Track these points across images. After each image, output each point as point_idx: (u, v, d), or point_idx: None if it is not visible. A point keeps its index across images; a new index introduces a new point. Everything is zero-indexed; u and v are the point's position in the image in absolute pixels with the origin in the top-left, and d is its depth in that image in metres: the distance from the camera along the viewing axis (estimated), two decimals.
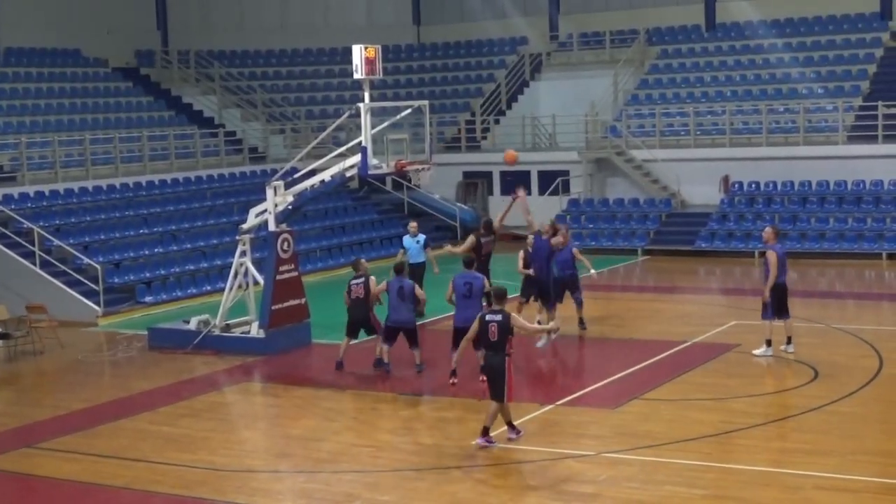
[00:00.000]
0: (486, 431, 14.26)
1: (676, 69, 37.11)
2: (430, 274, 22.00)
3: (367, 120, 19.30)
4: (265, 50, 41.58)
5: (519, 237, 26.38)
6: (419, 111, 20.57)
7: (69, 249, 25.54)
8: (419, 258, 22.20)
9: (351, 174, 20.14)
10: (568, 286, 20.68)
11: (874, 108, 31.09)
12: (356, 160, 19.58)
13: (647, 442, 14.17)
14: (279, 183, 20.43)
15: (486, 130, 37.88)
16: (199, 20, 40.44)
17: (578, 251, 20.98)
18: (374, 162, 19.48)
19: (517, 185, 23.39)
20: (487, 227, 21.45)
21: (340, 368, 18.65)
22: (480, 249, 20.54)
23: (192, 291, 26.02)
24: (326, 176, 20.38)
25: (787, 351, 18.42)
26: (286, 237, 20.59)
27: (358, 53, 19.24)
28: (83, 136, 30.78)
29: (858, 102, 32.59)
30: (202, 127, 35.38)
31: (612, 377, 17.63)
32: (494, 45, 41.44)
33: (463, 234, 30.73)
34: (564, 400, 16.47)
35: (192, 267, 27.03)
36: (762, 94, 34.44)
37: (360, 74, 19.37)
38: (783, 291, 18.36)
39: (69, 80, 34.85)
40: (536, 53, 39.89)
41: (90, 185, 29.40)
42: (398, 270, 18.28)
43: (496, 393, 14.05)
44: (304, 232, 29.53)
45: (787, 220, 30.25)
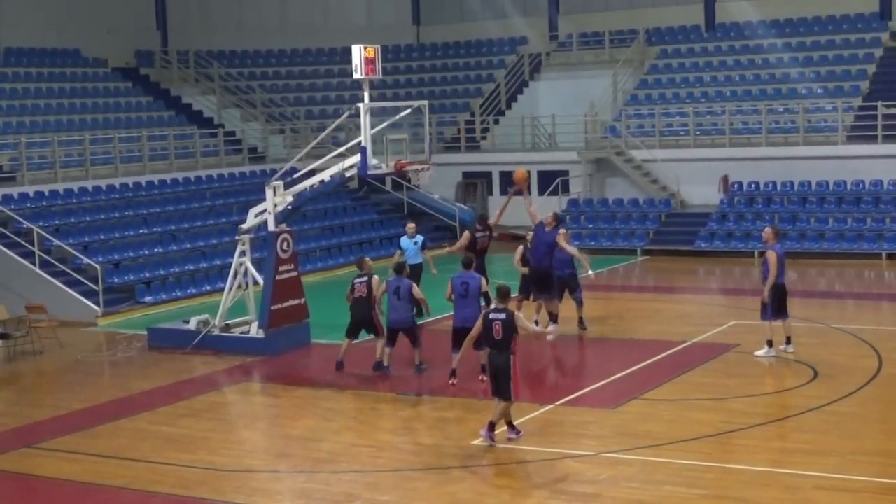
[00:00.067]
0: (492, 426, 14.24)
1: (676, 69, 37.10)
2: (427, 275, 21.98)
3: (366, 120, 19.29)
4: (265, 50, 41.58)
5: (518, 237, 26.36)
6: (419, 111, 20.56)
7: (69, 249, 25.54)
8: (416, 259, 22.18)
9: (350, 174, 20.14)
10: (567, 285, 20.64)
11: (874, 108, 31.08)
12: (356, 160, 19.57)
13: (646, 442, 14.17)
14: (279, 183, 20.43)
15: (485, 130, 37.86)
16: (198, 20, 40.44)
17: (565, 234, 20.45)
18: (373, 162, 19.47)
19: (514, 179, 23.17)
20: (482, 221, 21.42)
21: (340, 369, 18.64)
22: (475, 245, 20.48)
23: (191, 291, 26.02)
24: (326, 176, 20.37)
25: (786, 351, 18.42)
26: (286, 237, 20.59)
27: (357, 53, 19.24)
28: (83, 136, 30.78)
29: (858, 102, 32.58)
30: (202, 127, 35.37)
31: (611, 377, 17.63)
32: (494, 45, 41.42)
33: (461, 234, 30.65)
34: (564, 400, 16.47)
35: (191, 267, 27.03)
36: (762, 94, 34.43)
37: (359, 74, 19.37)
38: (782, 292, 18.36)
39: (69, 80, 34.84)
40: (536, 53, 39.88)
41: (90, 185, 29.40)
42: (398, 270, 18.27)
43: (503, 392, 14.05)
44: (303, 232, 29.52)
45: (786, 220, 30.24)
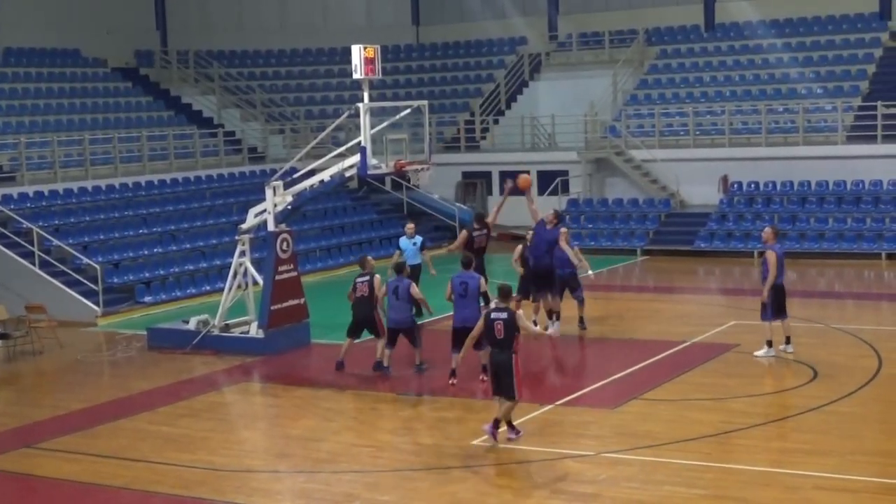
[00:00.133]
0: (496, 423, 14.24)
1: (676, 69, 37.10)
2: (425, 275, 21.98)
3: (366, 120, 19.29)
4: (264, 50, 41.58)
5: (518, 236, 26.36)
6: (418, 111, 20.55)
7: (68, 249, 25.53)
8: (415, 260, 22.15)
9: (350, 174, 20.13)
10: (568, 284, 20.65)
11: (873, 108, 31.08)
12: (355, 160, 19.57)
13: (646, 442, 14.17)
14: (278, 183, 20.43)
15: (485, 130, 37.86)
16: (198, 20, 40.44)
17: (566, 234, 20.50)
18: (373, 162, 19.46)
19: (509, 178, 23.11)
20: (479, 219, 21.27)
21: (341, 369, 18.63)
22: (473, 244, 20.33)
23: (191, 291, 26.01)
24: (326, 176, 20.37)
25: (786, 351, 18.42)
26: (285, 237, 20.59)
27: (357, 53, 19.24)
28: (82, 136, 30.77)
29: (857, 102, 32.59)
30: (201, 127, 35.37)
31: (611, 377, 17.63)
32: (494, 45, 41.42)
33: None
34: (564, 400, 16.47)
35: (191, 267, 27.02)
36: (761, 94, 34.43)
37: (359, 74, 19.37)
38: (782, 292, 18.35)
39: (69, 80, 34.84)
40: (536, 53, 39.88)
41: (89, 185, 29.40)
42: (398, 270, 18.27)
43: (507, 391, 14.05)
44: (303, 232, 29.53)
45: (786, 220, 30.24)
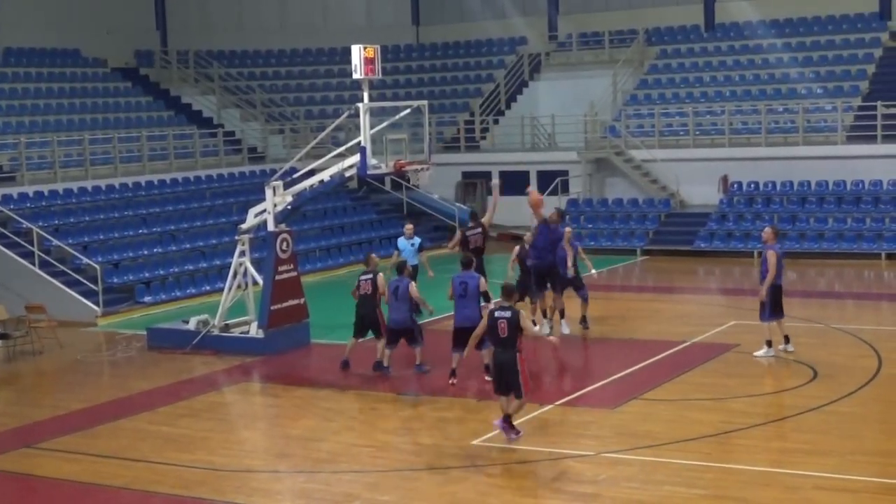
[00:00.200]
0: (507, 418, 14.24)
1: (675, 69, 37.10)
2: (423, 276, 21.95)
3: (366, 120, 19.29)
4: (264, 50, 41.58)
5: (517, 236, 26.34)
6: (418, 111, 20.55)
7: (68, 249, 25.53)
8: (412, 261, 22.10)
9: (350, 174, 20.13)
10: (571, 283, 20.67)
11: (873, 108, 31.08)
12: (355, 160, 19.57)
13: (646, 442, 14.17)
14: (278, 183, 20.43)
15: (485, 130, 37.86)
16: (198, 20, 40.44)
17: (570, 234, 20.70)
18: (373, 162, 19.46)
19: (492, 181, 23.16)
20: (474, 217, 21.15)
21: (346, 368, 18.60)
22: (468, 243, 20.17)
23: (191, 291, 26.01)
24: (325, 176, 20.37)
25: (786, 350, 18.42)
26: (285, 237, 20.58)
27: (357, 53, 19.24)
28: (82, 136, 30.77)
29: (857, 102, 32.59)
30: (201, 127, 35.37)
31: (611, 377, 17.63)
32: (493, 45, 41.42)
33: None
34: (564, 400, 16.47)
35: (191, 267, 27.02)
36: (761, 94, 34.43)
37: (359, 74, 19.37)
38: (780, 292, 18.35)
39: (68, 80, 34.84)
40: (535, 53, 39.88)
41: (89, 185, 29.40)
42: (399, 270, 18.28)
43: (515, 389, 14.06)
44: (303, 232, 29.52)
45: (786, 220, 30.24)
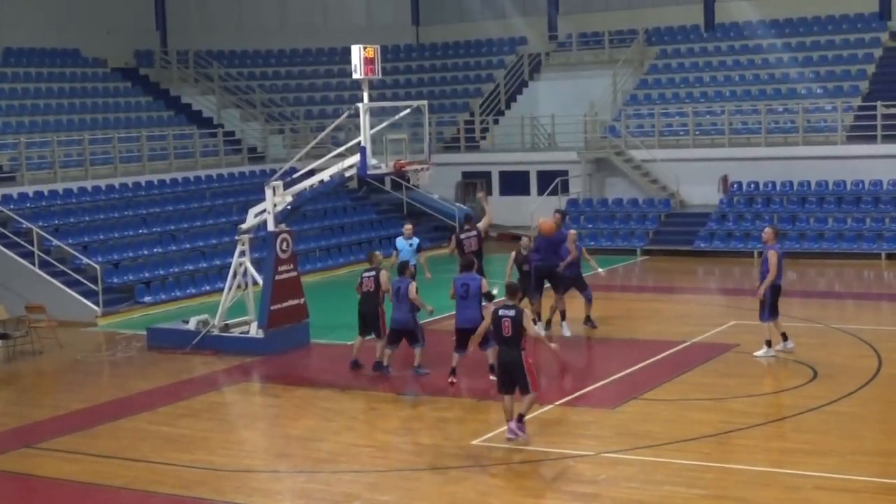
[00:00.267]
0: (520, 418, 14.24)
1: (675, 69, 37.10)
2: (420, 276, 21.90)
3: (366, 120, 19.28)
4: (264, 50, 41.58)
5: (518, 237, 26.33)
6: (418, 111, 20.53)
7: (68, 249, 25.53)
8: (411, 261, 22.07)
9: (350, 174, 20.12)
10: (574, 284, 20.71)
11: (873, 108, 31.08)
12: (355, 160, 19.56)
13: (646, 442, 14.17)
14: (278, 183, 20.42)
15: (485, 130, 37.86)
16: (198, 20, 40.43)
17: (574, 235, 20.83)
18: (373, 162, 19.46)
19: (480, 195, 23.14)
20: (468, 221, 20.97)
21: (357, 368, 18.54)
22: (462, 247, 19.97)
23: (191, 291, 26.01)
24: (325, 176, 20.37)
25: (786, 348, 18.41)
26: (285, 237, 20.58)
27: (357, 53, 19.24)
28: (82, 136, 30.77)
29: (857, 102, 32.59)
30: (201, 127, 35.36)
31: (611, 377, 17.63)
32: (493, 45, 41.42)
33: None
34: (564, 400, 16.47)
35: (191, 267, 27.02)
36: (761, 94, 34.43)
37: (359, 74, 19.37)
38: (779, 292, 18.33)
39: (68, 80, 34.84)
40: (535, 53, 39.87)
41: (89, 185, 29.39)
42: (400, 270, 18.28)
43: (522, 387, 14.07)
44: (303, 232, 29.52)
45: (785, 220, 30.24)
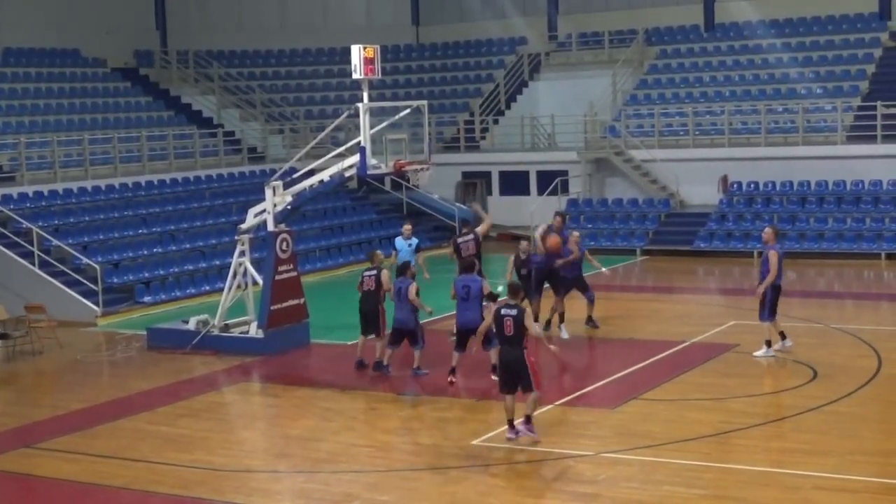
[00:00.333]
0: (528, 419, 14.25)
1: (675, 69, 37.10)
2: (419, 277, 21.87)
3: (365, 120, 19.29)
4: (264, 50, 41.57)
5: (518, 237, 26.36)
6: (418, 111, 20.53)
7: (68, 249, 25.53)
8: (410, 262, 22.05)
9: (350, 174, 20.12)
10: (576, 285, 20.72)
11: (873, 108, 31.08)
12: (355, 160, 19.57)
13: (646, 442, 14.17)
14: (278, 183, 20.43)
15: (484, 130, 37.86)
16: (198, 20, 40.43)
17: (577, 237, 20.98)
18: (372, 162, 19.46)
19: (475, 207, 23.56)
20: (465, 224, 20.97)
21: (362, 368, 18.52)
22: (460, 251, 19.81)
23: (190, 291, 26.01)
24: (325, 176, 20.37)
25: (784, 346, 18.41)
26: (285, 237, 20.58)
27: (357, 53, 19.24)
28: (82, 136, 30.77)
29: (857, 102, 32.58)
30: (201, 127, 35.36)
31: (611, 377, 17.64)
32: (493, 45, 41.42)
33: None
34: (564, 400, 16.47)
35: (190, 267, 27.02)
36: (761, 94, 34.43)
37: (358, 74, 19.37)
38: (779, 293, 18.33)
39: (68, 80, 34.83)
40: (535, 53, 39.87)
41: (89, 185, 29.39)
42: (401, 271, 18.28)
43: (525, 385, 14.07)
44: (302, 232, 29.51)
45: (785, 220, 30.24)
